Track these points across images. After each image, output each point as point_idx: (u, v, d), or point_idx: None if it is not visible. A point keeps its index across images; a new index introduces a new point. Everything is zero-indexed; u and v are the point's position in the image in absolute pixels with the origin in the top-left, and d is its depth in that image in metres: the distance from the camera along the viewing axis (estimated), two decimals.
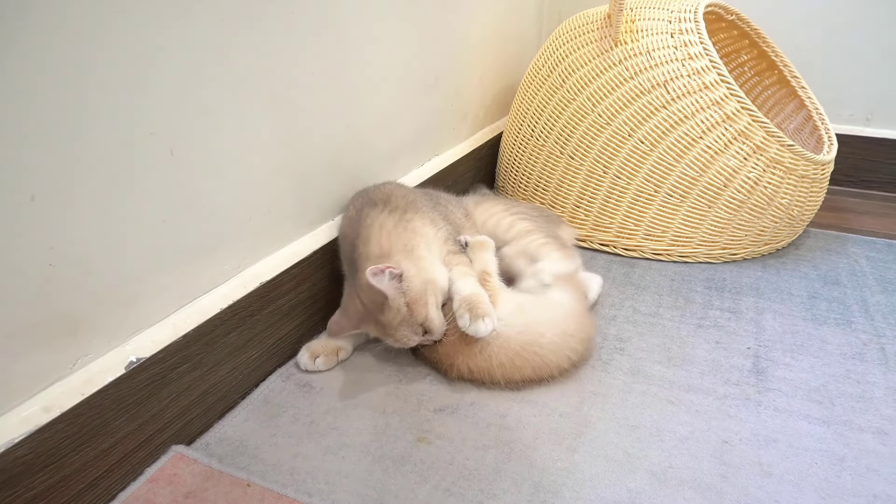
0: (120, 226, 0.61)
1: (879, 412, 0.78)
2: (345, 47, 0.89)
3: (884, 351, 0.89)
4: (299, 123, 0.83)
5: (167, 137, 0.64)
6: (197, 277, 0.72)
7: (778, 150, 1.06)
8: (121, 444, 0.63)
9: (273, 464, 0.69)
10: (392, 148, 1.08)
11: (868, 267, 1.14)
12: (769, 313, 0.99)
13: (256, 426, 0.75)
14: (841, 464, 0.70)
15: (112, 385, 0.61)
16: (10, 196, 0.51)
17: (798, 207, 1.14)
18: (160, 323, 0.68)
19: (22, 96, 0.50)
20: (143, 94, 0.61)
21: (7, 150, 0.50)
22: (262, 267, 0.81)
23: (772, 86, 1.38)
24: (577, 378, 0.83)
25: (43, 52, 0.51)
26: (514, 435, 0.73)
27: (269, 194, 0.80)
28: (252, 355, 0.80)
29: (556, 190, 1.23)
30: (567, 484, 0.67)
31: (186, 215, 0.69)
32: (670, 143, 1.09)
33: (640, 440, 0.73)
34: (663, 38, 1.10)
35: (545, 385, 0.81)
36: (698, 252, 1.15)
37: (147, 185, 0.63)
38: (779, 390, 0.81)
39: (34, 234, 0.53)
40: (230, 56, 0.70)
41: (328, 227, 0.93)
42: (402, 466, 0.69)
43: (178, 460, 0.68)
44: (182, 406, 0.70)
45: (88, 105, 0.56)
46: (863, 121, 1.52)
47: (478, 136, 1.42)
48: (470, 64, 1.31)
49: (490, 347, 0.79)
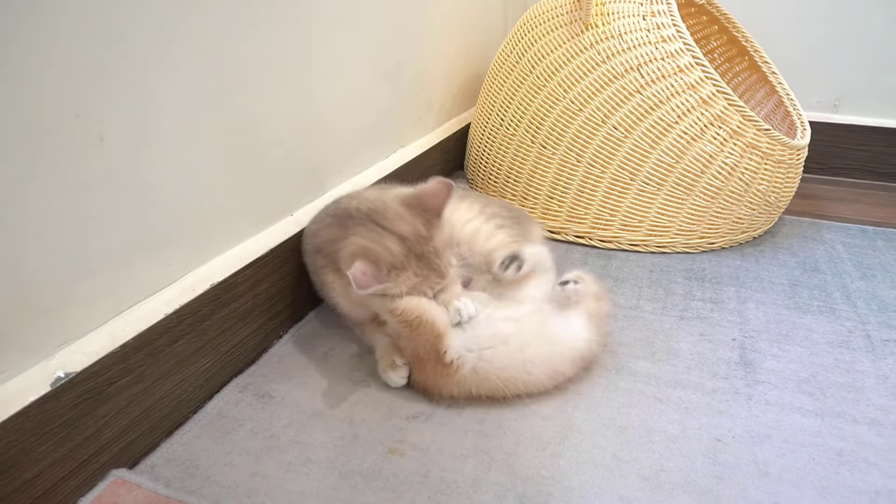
0: (40, 223, 0.53)
1: (872, 402, 0.74)
2: (302, 29, 0.82)
3: (870, 338, 0.87)
4: (250, 110, 0.76)
5: (96, 121, 0.56)
6: (137, 280, 0.64)
7: (755, 134, 1.03)
8: (48, 472, 0.55)
9: (228, 486, 0.62)
10: (354, 139, 1.01)
11: (845, 253, 1.12)
12: (752, 303, 0.95)
13: (209, 443, 0.67)
14: (839, 458, 0.66)
15: (35, 406, 0.53)
16: None
17: (775, 194, 1.11)
18: (94, 332, 0.60)
19: None
20: (68, 72, 0.53)
21: None
22: (213, 267, 0.74)
23: (742, 72, 1.36)
24: None
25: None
26: (493, 442, 0.68)
27: (217, 188, 0.73)
28: (203, 365, 0.72)
29: (527, 181, 1.18)
30: (554, 493, 0.61)
31: (121, 211, 0.61)
32: (645, 129, 1.05)
33: (629, 442, 0.68)
34: (635, 21, 1.06)
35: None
36: (676, 241, 1.11)
37: (73, 176, 0.55)
38: (768, 382, 0.77)
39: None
40: (172, 34, 0.62)
41: (286, 224, 0.86)
42: (373, 482, 0.62)
43: (118, 486, 0.60)
44: (122, 425, 0.62)
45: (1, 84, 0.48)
46: (830, 107, 1.51)
47: (445, 126, 1.36)
48: (434, 51, 1.25)
49: (466, 382, 0.71)
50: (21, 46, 0.49)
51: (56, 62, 0.52)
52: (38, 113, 0.51)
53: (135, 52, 0.59)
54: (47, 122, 0.52)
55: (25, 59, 0.50)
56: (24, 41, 0.49)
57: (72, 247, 0.56)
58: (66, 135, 0.54)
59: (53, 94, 0.52)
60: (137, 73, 0.60)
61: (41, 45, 0.51)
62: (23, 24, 0.49)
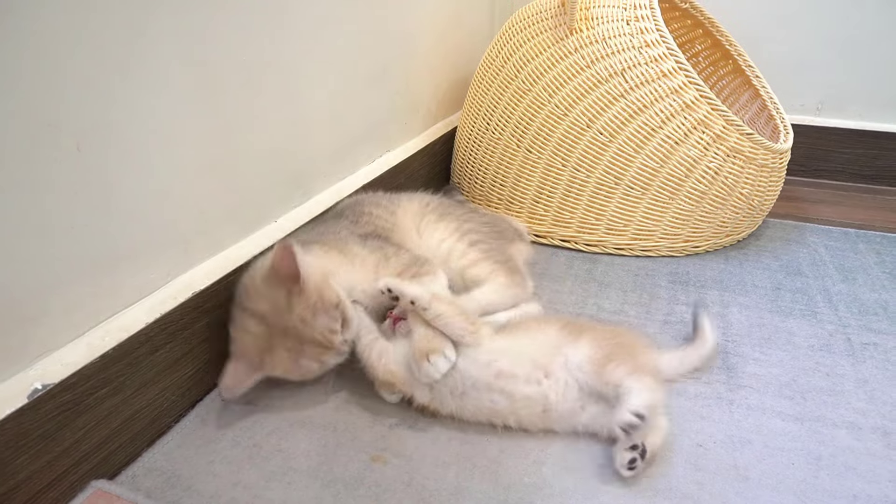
0: (16, 232, 0.53)
1: (851, 405, 0.75)
2: (286, 32, 0.82)
3: (850, 341, 0.87)
4: (233, 115, 0.75)
5: (72, 130, 0.56)
6: (116, 289, 0.64)
7: (738, 139, 1.04)
8: (25, 485, 0.54)
9: (210, 495, 0.62)
10: (340, 143, 1.01)
11: (828, 256, 1.13)
12: (735, 307, 0.96)
13: (191, 453, 0.67)
14: (818, 463, 0.67)
15: (10, 418, 0.52)
16: None
17: (758, 197, 1.12)
18: (72, 343, 0.59)
19: None
20: (41, 80, 0.52)
21: None
22: (195, 275, 0.73)
23: (726, 76, 1.37)
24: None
25: None
26: (476, 449, 0.68)
27: (199, 194, 0.72)
28: (186, 373, 0.72)
29: (513, 185, 1.18)
30: (536, 501, 0.61)
31: (100, 219, 0.60)
32: (630, 134, 1.05)
33: (611, 449, 0.68)
34: (619, 26, 1.06)
35: None
36: (661, 245, 1.12)
37: (48, 184, 0.55)
38: (750, 387, 0.78)
39: None
40: (150, 38, 0.62)
41: (270, 231, 0.86)
42: (356, 490, 0.62)
43: (98, 498, 0.60)
44: (102, 435, 0.62)
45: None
46: (813, 110, 1.52)
47: (431, 130, 1.36)
48: (420, 54, 1.25)
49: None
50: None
51: (27, 69, 0.51)
52: (11, 122, 0.51)
53: (111, 58, 0.58)
54: (21, 132, 0.52)
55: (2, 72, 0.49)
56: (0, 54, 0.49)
57: (49, 256, 0.56)
58: (41, 144, 0.53)
59: (26, 102, 0.52)
60: (114, 79, 0.59)
61: (12, 52, 0.50)
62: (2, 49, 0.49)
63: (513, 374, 0.67)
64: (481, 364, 0.68)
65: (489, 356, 0.69)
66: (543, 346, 0.70)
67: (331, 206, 0.96)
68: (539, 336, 0.72)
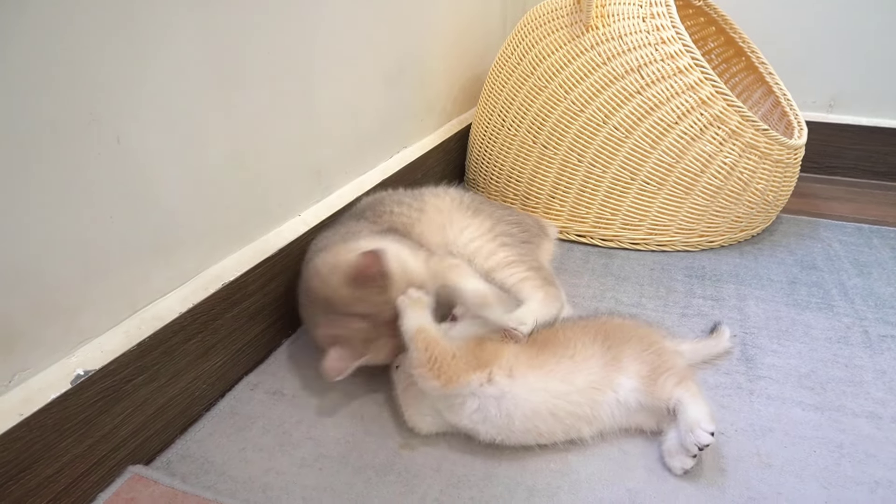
0: (58, 223, 0.54)
1: (871, 395, 0.76)
2: (306, 33, 0.83)
3: (867, 334, 0.88)
4: (253, 112, 0.77)
5: (112, 123, 0.57)
6: (151, 280, 0.65)
7: (753, 134, 1.05)
8: (68, 468, 0.56)
9: (243, 481, 0.63)
10: (358, 140, 1.02)
11: (842, 251, 1.14)
12: (751, 300, 0.97)
13: (223, 440, 0.68)
14: (839, 451, 0.68)
15: (56, 402, 0.54)
16: None
17: (773, 192, 1.13)
18: (110, 331, 0.61)
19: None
20: (84, 75, 0.54)
21: None
22: (224, 267, 0.75)
23: (739, 73, 1.38)
24: None
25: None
26: None
27: (227, 188, 0.74)
28: (216, 363, 0.73)
29: (529, 181, 1.20)
30: (563, 486, 0.63)
31: (137, 211, 0.62)
32: (646, 130, 1.06)
33: (635, 437, 0.69)
34: (635, 23, 1.07)
35: None
36: (676, 240, 1.13)
37: (90, 176, 0.56)
38: (769, 378, 0.79)
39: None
40: (175, 34, 0.63)
41: (293, 224, 0.87)
42: (386, 476, 0.64)
43: (135, 482, 0.61)
44: (138, 422, 0.63)
45: (19, 86, 0.49)
46: (825, 107, 1.53)
47: (446, 127, 1.37)
48: (434, 54, 1.26)
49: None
50: (37, 50, 0.50)
51: (77, 69, 0.53)
52: (55, 115, 0.52)
53: (144, 53, 0.60)
54: (63, 124, 0.53)
55: (41, 63, 0.51)
56: (38, 44, 0.50)
57: (89, 247, 0.58)
58: (83, 136, 0.55)
59: (69, 96, 0.53)
60: (149, 77, 0.61)
61: (61, 53, 0.52)
62: (38, 27, 0.50)
63: (559, 411, 0.65)
64: (523, 403, 0.65)
65: (529, 396, 0.65)
66: (590, 378, 0.67)
67: (351, 200, 0.97)
68: (581, 367, 0.68)
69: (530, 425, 0.64)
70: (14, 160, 0.50)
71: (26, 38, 0.49)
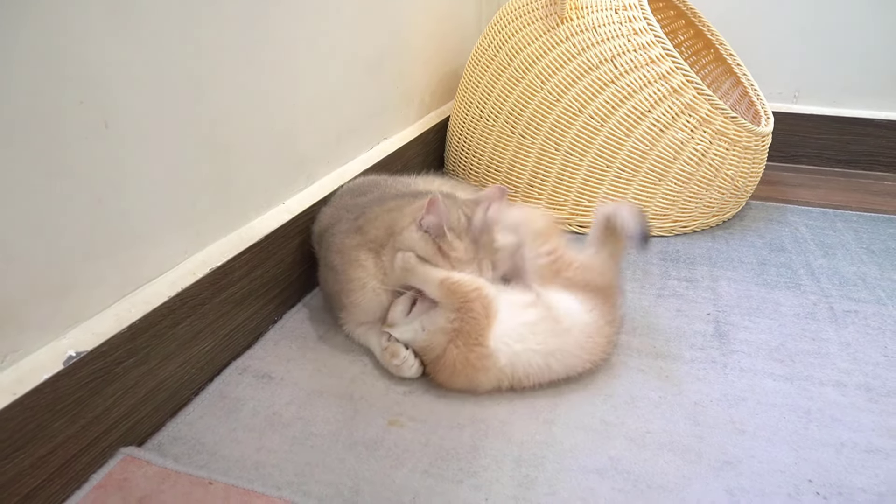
0: (46, 205, 0.55)
1: (836, 366, 0.80)
2: (285, 16, 0.84)
3: (832, 309, 0.93)
4: (241, 101, 0.77)
5: (99, 108, 0.58)
6: (140, 264, 0.66)
7: (722, 122, 1.09)
8: (61, 448, 0.56)
9: (235, 459, 0.64)
10: (340, 130, 1.04)
11: (808, 234, 1.18)
12: (724, 280, 1.01)
13: (213, 422, 0.69)
14: (807, 416, 0.71)
15: (49, 383, 0.54)
16: None
17: (742, 178, 1.17)
18: (101, 314, 0.61)
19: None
20: (72, 60, 0.54)
21: None
22: (210, 253, 0.76)
23: (708, 64, 1.42)
24: None
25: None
26: (488, 412, 0.71)
27: (213, 175, 0.75)
28: (204, 348, 0.74)
29: (508, 170, 1.22)
30: (548, 456, 0.65)
31: (124, 196, 0.62)
32: (620, 118, 1.09)
33: (616, 408, 0.72)
34: (608, 15, 1.11)
35: None
36: (651, 226, 1.16)
37: (78, 160, 0.57)
38: (742, 352, 0.82)
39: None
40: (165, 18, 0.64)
41: (277, 212, 0.88)
42: (376, 451, 0.65)
43: (128, 463, 0.62)
44: (129, 404, 0.64)
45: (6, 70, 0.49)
46: (791, 98, 1.59)
47: (425, 120, 1.39)
48: (413, 47, 1.28)
49: (499, 375, 0.72)
50: (26, 33, 0.51)
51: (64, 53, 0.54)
52: (43, 98, 0.53)
53: (134, 43, 0.61)
54: (52, 107, 0.54)
55: (31, 46, 0.51)
56: (29, 28, 0.51)
57: (78, 230, 0.58)
58: (72, 121, 0.55)
59: (57, 80, 0.54)
60: (135, 60, 0.61)
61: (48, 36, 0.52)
62: (29, 10, 0.51)
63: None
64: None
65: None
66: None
67: (333, 190, 0.99)
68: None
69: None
70: (2, 143, 0.50)
71: (21, 23, 0.49)
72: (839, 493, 0.61)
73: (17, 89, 0.51)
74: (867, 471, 0.64)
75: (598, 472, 0.63)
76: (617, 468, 0.63)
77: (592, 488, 0.61)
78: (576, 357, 0.73)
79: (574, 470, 0.63)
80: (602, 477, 0.62)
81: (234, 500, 0.58)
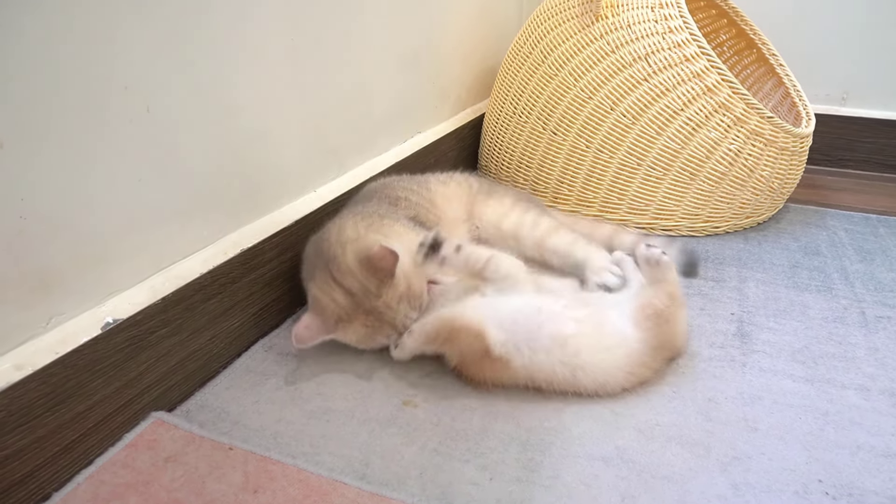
0: (92, 181, 0.59)
1: (861, 370, 0.78)
2: (325, 12, 0.88)
3: (864, 314, 0.90)
4: (278, 89, 0.82)
5: (143, 93, 0.62)
6: (175, 241, 0.70)
7: (758, 122, 1.07)
8: (98, 407, 0.61)
9: (256, 429, 0.68)
10: (375, 122, 1.07)
11: (847, 238, 1.15)
12: (752, 282, 0.99)
13: (239, 394, 0.73)
14: (825, 418, 0.70)
15: (88, 345, 0.59)
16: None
17: (778, 180, 1.15)
18: (137, 285, 0.66)
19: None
20: (118, 47, 0.59)
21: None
22: (243, 234, 0.80)
23: (750, 64, 1.40)
24: None
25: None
26: (501, 397, 0.73)
27: (248, 160, 0.79)
28: (234, 324, 0.78)
29: (539, 166, 1.23)
30: (555, 442, 0.66)
31: (163, 176, 0.67)
32: (652, 116, 1.09)
33: (627, 400, 0.72)
34: (644, 12, 1.10)
35: None
36: (681, 225, 1.15)
37: (121, 141, 0.61)
38: (763, 352, 0.82)
39: (4, 183, 0.52)
40: (210, 11, 0.68)
41: (310, 199, 0.92)
42: (388, 428, 0.68)
43: (157, 426, 0.66)
44: (161, 372, 0.68)
45: (59, 56, 0.54)
46: (838, 100, 1.54)
47: (460, 115, 1.41)
48: (450, 43, 1.30)
49: (517, 376, 0.72)
50: (79, 24, 0.55)
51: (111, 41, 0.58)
52: (91, 84, 0.57)
53: (178, 32, 0.65)
54: (99, 92, 0.58)
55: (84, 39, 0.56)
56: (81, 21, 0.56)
57: (122, 206, 0.63)
58: (117, 104, 0.60)
59: (105, 68, 0.58)
60: (180, 49, 0.66)
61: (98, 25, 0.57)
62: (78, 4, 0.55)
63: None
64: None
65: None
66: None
67: (364, 180, 1.02)
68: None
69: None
70: (55, 124, 0.55)
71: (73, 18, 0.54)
72: (849, 493, 0.60)
73: (68, 77, 0.55)
74: (882, 474, 0.63)
75: (603, 460, 0.64)
76: (623, 457, 0.64)
77: (596, 475, 0.62)
78: (611, 377, 0.72)
79: (580, 457, 0.64)
80: (607, 465, 0.63)
81: (251, 465, 0.62)
